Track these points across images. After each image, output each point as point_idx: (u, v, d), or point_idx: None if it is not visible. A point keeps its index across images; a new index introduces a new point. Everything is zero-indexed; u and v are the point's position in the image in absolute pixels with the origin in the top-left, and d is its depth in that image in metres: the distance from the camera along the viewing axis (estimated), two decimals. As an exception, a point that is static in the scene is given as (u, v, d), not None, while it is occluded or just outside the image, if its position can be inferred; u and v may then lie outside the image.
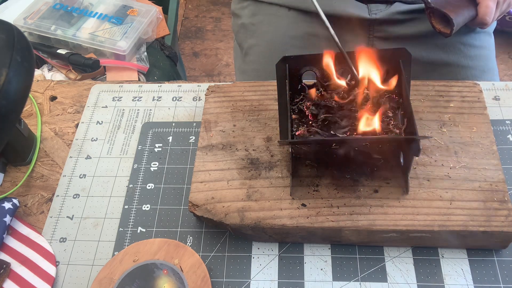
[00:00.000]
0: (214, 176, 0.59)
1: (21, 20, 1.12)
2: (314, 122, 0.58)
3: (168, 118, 0.71)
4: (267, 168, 0.60)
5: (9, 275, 0.58)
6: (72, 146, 0.69)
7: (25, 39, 0.58)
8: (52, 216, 0.63)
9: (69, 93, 0.77)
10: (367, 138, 0.58)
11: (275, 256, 0.58)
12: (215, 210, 0.56)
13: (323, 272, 0.56)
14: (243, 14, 0.98)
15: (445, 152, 0.59)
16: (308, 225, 0.55)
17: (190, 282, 0.54)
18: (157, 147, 0.68)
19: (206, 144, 0.63)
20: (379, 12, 0.87)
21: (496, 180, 0.56)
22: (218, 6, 2.22)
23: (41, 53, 1.10)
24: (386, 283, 0.55)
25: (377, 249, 0.57)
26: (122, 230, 0.61)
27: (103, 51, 1.09)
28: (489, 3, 0.73)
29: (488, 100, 0.69)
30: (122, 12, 1.16)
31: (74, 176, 0.66)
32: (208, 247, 0.59)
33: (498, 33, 1.07)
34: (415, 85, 0.66)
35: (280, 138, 0.59)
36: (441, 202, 0.55)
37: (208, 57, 2.01)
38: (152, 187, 0.64)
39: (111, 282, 0.55)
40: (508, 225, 0.53)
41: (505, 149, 0.64)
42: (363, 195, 0.56)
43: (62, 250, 0.60)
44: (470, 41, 0.88)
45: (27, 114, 0.74)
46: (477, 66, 0.88)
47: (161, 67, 1.18)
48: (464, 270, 0.55)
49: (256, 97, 0.67)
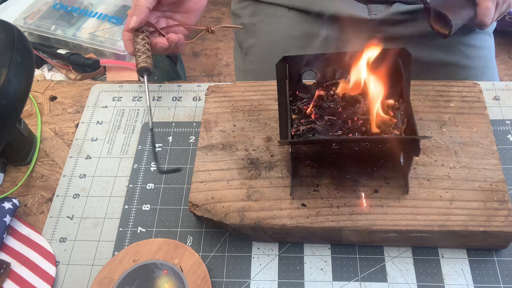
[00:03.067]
0: (214, 176, 0.59)
1: (21, 20, 1.12)
2: (318, 121, 0.58)
3: (168, 118, 0.71)
4: (267, 168, 0.60)
5: (9, 275, 0.58)
6: (72, 146, 0.69)
7: (25, 39, 0.58)
8: (52, 216, 0.63)
9: (69, 93, 0.77)
10: (367, 138, 0.58)
11: (275, 256, 0.58)
12: (215, 210, 0.56)
13: (323, 272, 0.56)
14: (243, 14, 0.98)
15: (445, 152, 0.59)
16: (308, 225, 0.55)
17: (190, 282, 0.54)
18: (157, 147, 0.68)
19: (206, 144, 0.63)
20: (379, 12, 0.87)
21: (496, 180, 0.56)
22: (218, 6, 2.22)
23: (41, 53, 1.10)
24: (386, 283, 0.55)
25: (377, 249, 0.57)
26: (122, 230, 0.61)
27: (103, 51, 1.09)
28: (488, 4, 0.73)
29: (488, 100, 0.69)
30: (122, 12, 1.16)
31: (74, 176, 0.66)
32: (208, 247, 0.59)
33: (498, 33, 1.07)
34: (415, 85, 0.66)
35: (280, 138, 0.59)
36: (441, 202, 0.55)
37: (208, 57, 2.01)
38: (152, 187, 0.64)
39: (111, 282, 0.55)
40: (508, 225, 0.53)
41: (505, 149, 0.64)
42: (363, 195, 0.56)
43: (62, 250, 0.60)
44: (470, 41, 0.88)
45: (27, 114, 0.74)
46: (477, 66, 0.88)
47: (161, 67, 1.18)
48: (464, 270, 0.55)
49: (256, 97, 0.67)
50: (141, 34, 0.69)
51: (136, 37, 0.69)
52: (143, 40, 0.68)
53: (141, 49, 0.68)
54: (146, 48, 0.68)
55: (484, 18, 0.73)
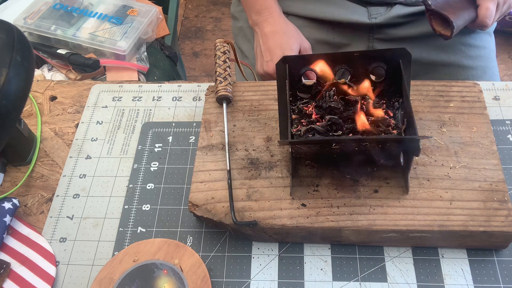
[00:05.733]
0: (214, 176, 0.59)
1: (21, 20, 1.12)
2: (318, 121, 0.58)
3: (168, 118, 0.71)
4: (267, 168, 0.60)
5: (9, 275, 0.58)
6: (72, 146, 0.69)
7: (25, 39, 0.58)
8: (52, 216, 0.63)
9: (69, 93, 0.77)
10: (367, 138, 0.58)
11: (275, 256, 0.58)
12: (215, 210, 0.56)
13: (323, 272, 0.56)
14: (241, 18, 0.99)
15: (445, 152, 0.59)
16: (308, 225, 0.55)
17: (190, 282, 0.54)
18: (157, 147, 0.68)
19: (206, 144, 0.63)
20: (379, 15, 0.87)
21: (496, 180, 0.56)
22: (218, 6, 2.22)
23: (41, 53, 1.10)
24: (386, 283, 0.55)
25: (377, 249, 0.57)
26: (122, 230, 0.61)
27: (103, 51, 1.09)
28: (489, 5, 0.73)
29: (488, 100, 0.69)
30: (122, 12, 1.16)
31: (74, 176, 0.66)
32: (208, 247, 0.59)
33: (498, 33, 1.07)
34: (415, 85, 0.66)
35: (280, 138, 0.59)
36: (441, 202, 0.55)
37: (208, 57, 2.01)
38: (152, 187, 0.64)
39: (111, 282, 0.55)
40: (508, 225, 0.53)
41: (505, 149, 0.64)
42: (363, 195, 0.56)
43: (62, 250, 0.60)
44: (471, 41, 0.88)
45: (27, 114, 0.74)
46: (478, 66, 0.88)
47: (161, 67, 1.18)
48: (464, 270, 0.55)
49: (256, 97, 0.67)
50: (223, 55, 0.66)
51: (217, 58, 0.66)
52: (225, 63, 0.66)
53: (222, 73, 0.66)
54: (228, 73, 0.66)
55: (485, 19, 0.73)
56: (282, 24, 0.87)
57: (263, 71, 0.87)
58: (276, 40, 0.85)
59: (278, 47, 0.84)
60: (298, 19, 0.91)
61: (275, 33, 0.86)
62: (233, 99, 0.66)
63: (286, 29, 0.87)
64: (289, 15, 0.92)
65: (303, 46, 0.87)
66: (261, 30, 0.87)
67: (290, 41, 0.85)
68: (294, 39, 0.86)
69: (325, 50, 0.92)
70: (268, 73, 0.86)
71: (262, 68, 0.87)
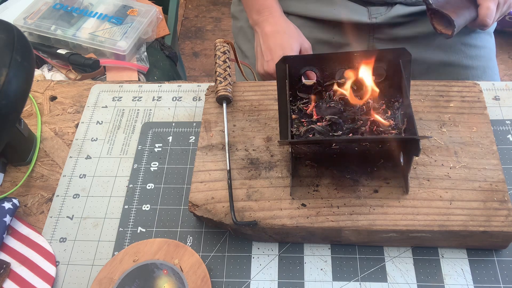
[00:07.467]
0: (214, 176, 0.59)
1: (21, 20, 1.12)
2: (319, 121, 0.58)
3: (168, 118, 0.71)
4: (267, 168, 0.60)
5: (9, 275, 0.58)
6: (72, 146, 0.69)
7: (25, 39, 0.58)
8: (52, 216, 0.63)
9: (69, 93, 0.77)
10: (367, 138, 0.58)
11: (275, 256, 0.58)
12: (215, 210, 0.56)
13: (323, 272, 0.56)
14: (241, 17, 0.99)
15: (445, 152, 0.59)
16: (308, 225, 0.55)
17: (190, 282, 0.54)
18: (157, 147, 0.68)
19: (206, 144, 0.63)
20: (379, 15, 0.87)
21: (496, 180, 0.56)
22: (218, 6, 2.22)
23: (41, 53, 1.10)
24: (386, 283, 0.55)
25: (377, 249, 0.57)
26: (122, 230, 0.61)
27: (103, 51, 1.09)
28: (489, 4, 0.73)
29: (488, 100, 0.69)
30: (122, 12, 1.16)
31: (74, 176, 0.66)
32: (208, 247, 0.59)
33: (498, 33, 1.07)
34: (415, 85, 0.66)
35: (280, 138, 0.59)
36: (441, 202, 0.55)
37: (208, 57, 2.01)
38: (152, 187, 0.64)
39: (111, 282, 0.55)
40: (508, 225, 0.53)
41: (505, 149, 0.64)
42: (363, 195, 0.56)
43: (62, 250, 0.60)
44: (471, 41, 0.88)
45: (27, 114, 0.74)
46: (478, 66, 0.88)
47: (161, 67, 1.18)
48: (464, 270, 0.55)
49: (256, 97, 0.67)
50: (222, 55, 0.66)
51: (217, 58, 0.66)
52: (225, 63, 0.66)
53: (222, 73, 0.65)
54: (227, 73, 0.66)
55: (485, 19, 0.73)
56: (282, 24, 0.87)
57: (264, 71, 0.87)
58: (276, 39, 0.85)
59: (278, 46, 0.84)
60: (298, 18, 0.91)
61: (275, 32, 0.86)
62: (233, 99, 0.66)
63: (287, 29, 0.87)
64: (290, 14, 0.92)
65: (303, 46, 0.87)
66: (262, 29, 0.87)
67: (290, 41, 0.85)
68: (295, 39, 0.86)
69: (325, 50, 0.92)
70: (269, 73, 0.86)
71: (262, 68, 0.87)
